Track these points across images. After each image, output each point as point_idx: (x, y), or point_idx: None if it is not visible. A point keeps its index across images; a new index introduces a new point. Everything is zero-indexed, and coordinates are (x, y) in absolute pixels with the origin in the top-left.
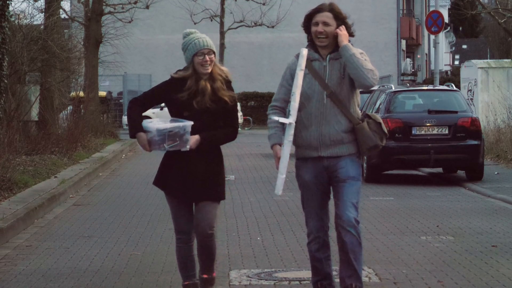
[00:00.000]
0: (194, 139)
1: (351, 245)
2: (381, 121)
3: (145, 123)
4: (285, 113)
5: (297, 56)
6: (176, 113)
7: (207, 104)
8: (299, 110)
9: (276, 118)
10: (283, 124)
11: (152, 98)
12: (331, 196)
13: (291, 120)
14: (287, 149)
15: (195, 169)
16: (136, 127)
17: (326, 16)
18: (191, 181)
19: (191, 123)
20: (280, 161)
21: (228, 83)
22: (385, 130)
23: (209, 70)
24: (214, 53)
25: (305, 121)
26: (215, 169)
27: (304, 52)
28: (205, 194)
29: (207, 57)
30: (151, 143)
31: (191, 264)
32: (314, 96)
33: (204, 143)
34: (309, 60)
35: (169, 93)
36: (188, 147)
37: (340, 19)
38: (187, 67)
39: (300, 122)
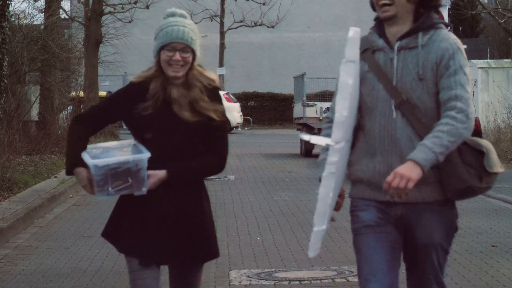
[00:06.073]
0: (155, 178)
1: None
2: (484, 149)
3: (85, 153)
4: None
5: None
6: (136, 135)
7: (182, 121)
8: (361, 128)
9: (306, 137)
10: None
11: (103, 114)
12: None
13: (329, 140)
14: (325, 187)
15: (162, 216)
16: (74, 160)
17: None
18: (157, 233)
19: (148, 155)
20: (317, 206)
21: (213, 92)
22: (489, 165)
23: (180, 75)
24: (193, 51)
25: (366, 145)
26: (196, 213)
27: (352, 32)
28: (182, 255)
29: (178, 55)
30: (93, 183)
31: None
32: (377, 107)
33: (173, 181)
34: (370, 51)
35: (126, 106)
36: (144, 189)
37: None
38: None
39: (361, 146)
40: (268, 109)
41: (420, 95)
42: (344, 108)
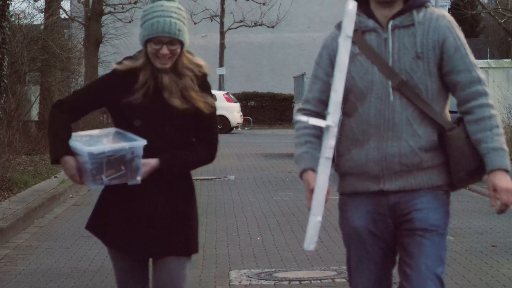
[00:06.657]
0: (148, 166)
1: None
2: None
3: (73, 141)
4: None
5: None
6: (122, 123)
7: (172, 110)
8: (348, 114)
9: (304, 118)
10: (318, 135)
11: (87, 101)
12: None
13: (329, 121)
14: (323, 174)
15: (152, 209)
16: (60, 147)
17: None
18: (147, 227)
19: (144, 142)
20: (313, 195)
21: (202, 80)
22: None
23: (168, 66)
24: (181, 43)
25: (357, 132)
26: (183, 208)
27: (351, 5)
28: (168, 246)
29: (165, 49)
30: (83, 172)
31: None
32: (372, 91)
33: (165, 170)
34: (359, 32)
35: (111, 93)
36: (139, 178)
37: None
38: (139, 53)
39: (350, 134)
40: (268, 109)
41: (421, 75)
42: (341, 89)
